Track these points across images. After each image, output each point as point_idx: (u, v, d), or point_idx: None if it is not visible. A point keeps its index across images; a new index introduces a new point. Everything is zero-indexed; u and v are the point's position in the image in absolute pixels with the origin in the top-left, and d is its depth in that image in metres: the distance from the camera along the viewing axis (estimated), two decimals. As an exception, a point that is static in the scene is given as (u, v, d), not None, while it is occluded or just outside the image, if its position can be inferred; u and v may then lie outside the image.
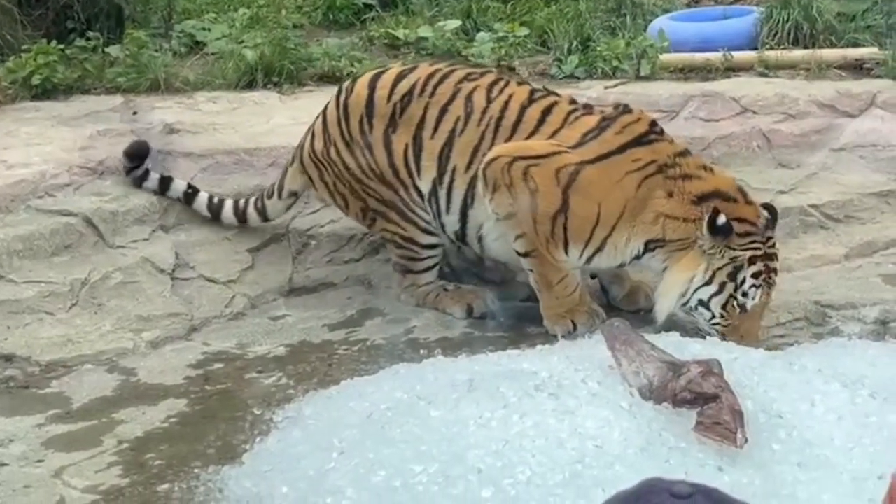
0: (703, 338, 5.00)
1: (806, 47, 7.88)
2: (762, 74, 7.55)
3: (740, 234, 5.14)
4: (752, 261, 5.14)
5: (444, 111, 5.53)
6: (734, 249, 5.13)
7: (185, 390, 5.06)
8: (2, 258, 5.66)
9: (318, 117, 5.86)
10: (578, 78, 7.63)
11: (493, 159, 5.30)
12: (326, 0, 9.23)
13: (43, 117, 6.99)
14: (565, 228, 5.24)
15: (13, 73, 7.38)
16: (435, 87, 5.59)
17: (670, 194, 5.19)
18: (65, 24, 8.01)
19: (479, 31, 8.29)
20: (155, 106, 7.16)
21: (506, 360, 4.74)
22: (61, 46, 7.54)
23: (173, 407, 4.92)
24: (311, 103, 7.29)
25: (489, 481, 3.87)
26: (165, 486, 4.38)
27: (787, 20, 8.02)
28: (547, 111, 5.42)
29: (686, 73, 7.67)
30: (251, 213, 6.05)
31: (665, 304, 5.22)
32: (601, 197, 5.21)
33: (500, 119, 5.44)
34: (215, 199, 6.11)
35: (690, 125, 6.78)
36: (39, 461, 4.58)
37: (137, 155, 6.19)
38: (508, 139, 5.40)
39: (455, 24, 8.30)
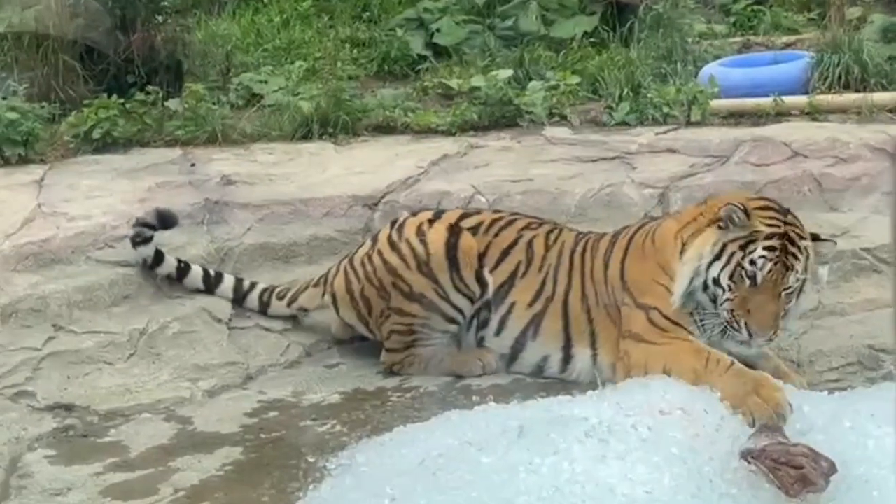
0: None
1: (857, 91, 7.90)
2: (813, 119, 7.57)
3: (758, 208, 5.13)
4: (768, 237, 5.03)
5: (506, 253, 5.65)
6: (751, 224, 5.05)
7: (240, 438, 5.08)
8: (62, 309, 5.74)
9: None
10: (629, 125, 7.69)
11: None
12: (381, 52, 9.38)
13: (103, 170, 7.14)
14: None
15: (75, 127, 7.56)
16: (499, 230, 5.70)
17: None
18: (125, 78, 8.22)
19: (531, 79, 8.37)
20: (212, 158, 7.31)
21: (556, 406, 4.76)
22: (122, 100, 7.71)
23: (229, 455, 4.94)
24: (367, 153, 7.42)
25: (540, 528, 3.89)
26: (220, 533, 4.41)
27: (838, 64, 8.06)
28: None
29: (737, 118, 7.71)
30: (253, 298, 6.04)
31: (680, 284, 5.14)
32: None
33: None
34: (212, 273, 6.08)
35: (741, 170, 6.81)
36: (97, 510, 4.62)
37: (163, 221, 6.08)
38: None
39: (507, 73, 8.39)
